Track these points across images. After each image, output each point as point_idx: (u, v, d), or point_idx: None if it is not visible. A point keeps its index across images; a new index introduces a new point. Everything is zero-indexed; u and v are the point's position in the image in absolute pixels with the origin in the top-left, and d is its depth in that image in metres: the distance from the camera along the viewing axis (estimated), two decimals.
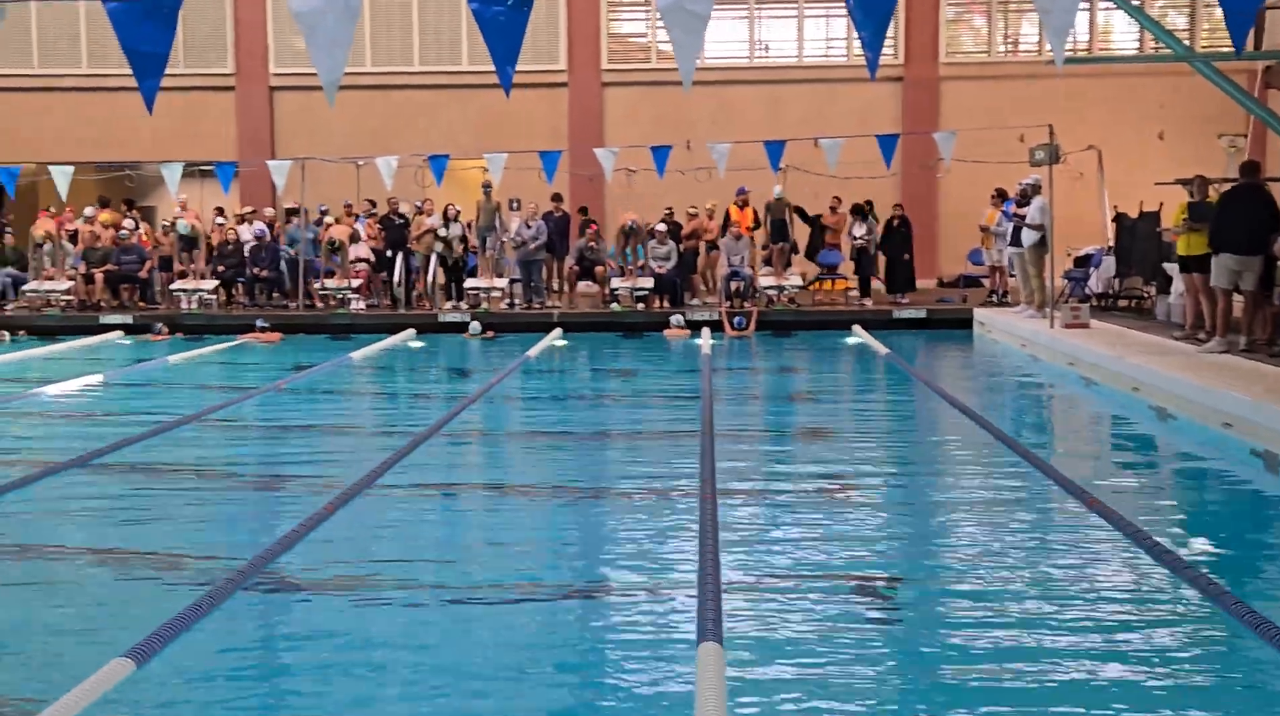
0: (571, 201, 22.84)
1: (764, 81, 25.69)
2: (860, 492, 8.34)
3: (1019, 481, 8.56)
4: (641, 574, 6.37)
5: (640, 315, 20.03)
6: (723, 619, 5.20)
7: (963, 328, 19.25)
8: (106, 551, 6.91)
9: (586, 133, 24.86)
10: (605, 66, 25.72)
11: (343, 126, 24.59)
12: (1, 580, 6.50)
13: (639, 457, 9.84)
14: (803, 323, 19.87)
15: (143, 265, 21.33)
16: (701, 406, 11.52)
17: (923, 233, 22.17)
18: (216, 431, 11.18)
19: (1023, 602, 5.79)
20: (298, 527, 6.97)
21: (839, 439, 10.65)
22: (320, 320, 20.04)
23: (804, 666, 4.99)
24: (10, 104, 24.99)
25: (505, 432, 11.46)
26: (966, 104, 24.71)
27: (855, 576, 6.25)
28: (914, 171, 23.54)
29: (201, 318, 20.33)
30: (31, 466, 9.08)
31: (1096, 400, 12.83)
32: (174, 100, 22.72)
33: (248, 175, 23.63)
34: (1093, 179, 21.71)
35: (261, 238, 21.38)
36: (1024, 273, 17.72)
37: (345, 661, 5.15)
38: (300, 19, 6.13)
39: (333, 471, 9.04)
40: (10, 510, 7.95)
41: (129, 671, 4.71)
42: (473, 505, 8.36)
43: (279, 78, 25.74)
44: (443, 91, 25.51)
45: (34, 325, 20.11)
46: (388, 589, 6.16)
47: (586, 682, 4.97)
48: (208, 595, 5.65)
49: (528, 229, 20.51)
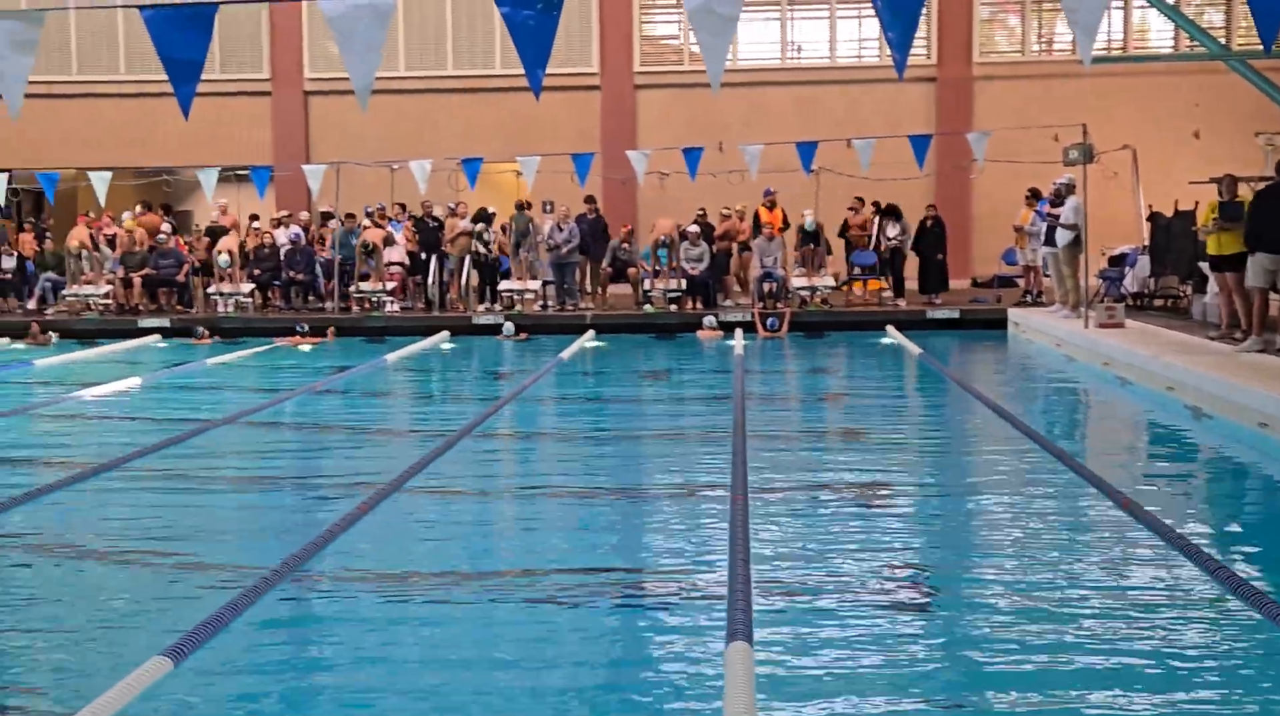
0: (604, 204, 22.90)
1: (796, 83, 25.68)
2: (892, 493, 8.34)
3: (1053, 482, 8.53)
4: (672, 573, 6.40)
5: (673, 317, 20.05)
6: (753, 618, 5.22)
7: (997, 328, 19.17)
8: (144, 551, 6.99)
9: (619, 135, 24.91)
10: (638, 69, 25.78)
11: (377, 130, 24.73)
12: (42, 579, 6.59)
13: (671, 458, 9.86)
14: (836, 323, 19.84)
15: (180, 269, 21.51)
16: (734, 407, 11.53)
17: (956, 233, 22.09)
18: (253, 433, 11.27)
19: (1056, 604, 5.77)
20: (332, 527, 7.04)
21: (871, 440, 10.64)
22: (355, 323, 20.16)
23: (834, 666, 5.00)
24: (50, 110, 25.24)
25: (538, 434, 11.50)
26: (1000, 104, 24.63)
27: (887, 577, 6.26)
28: (947, 172, 23.47)
29: (238, 321, 20.49)
30: (72, 468, 9.18)
31: (1131, 400, 12.77)
32: (210, 105, 22.89)
33: (283, 179, 23.81)
34: (1127, 178, 21.58)
35: (296, 241, 21.52)
36: (1058, 272, 17.64)
37: (378, 659, 5.20)
38: (333, 24, 6.20)
39: (367, 472, 9.11)
40: (51, 511, 8.06)
41: (166, 669, 4.77)
42: (505, 505, 8.41)
43: (314, 82, 25.92)
44: (476, 95, 25.62)
45: (73, 329, 20.32)
46: (421, 588, 6.21)
47: (617, 681, 5.00)
48: (243, 594, 5.71)
49: (560, 232, 20.57)
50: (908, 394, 14.40)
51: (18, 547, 7.17)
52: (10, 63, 6.32)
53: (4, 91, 6.31)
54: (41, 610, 6.04)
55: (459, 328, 19.78)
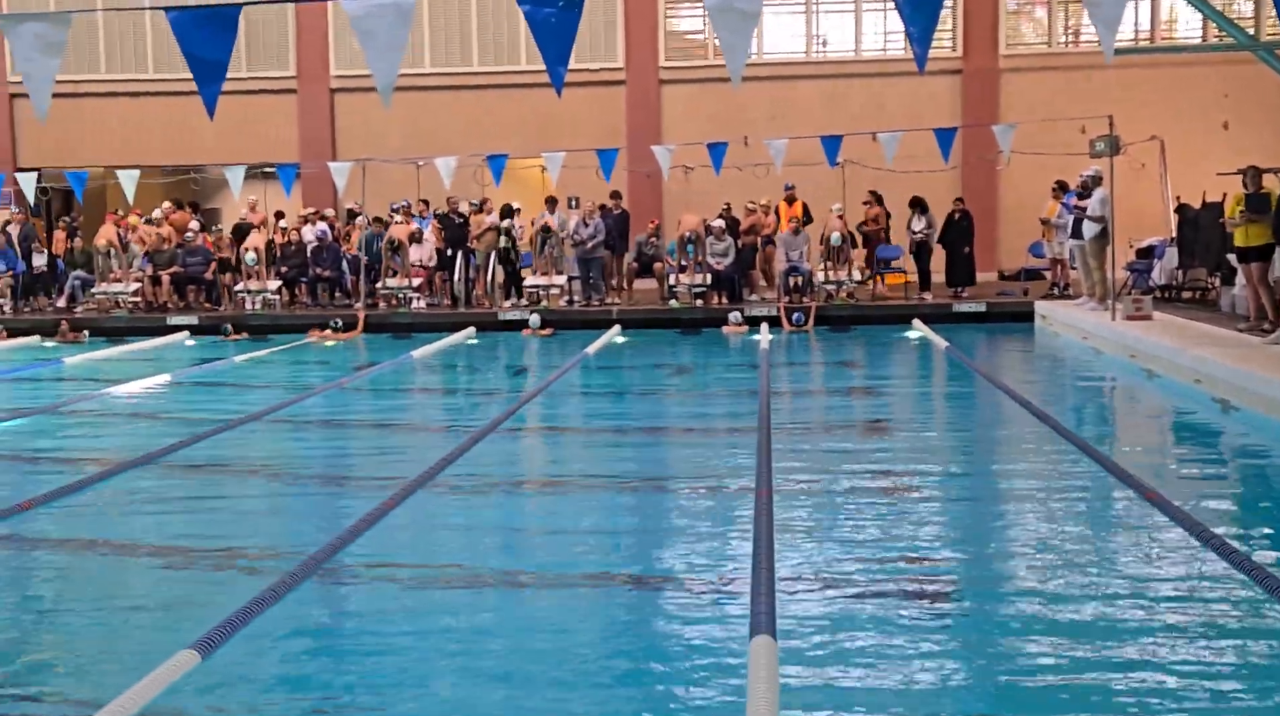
0: (630, 199, 22.91)
1: (821, 76, 25.62)
2: (918, 487, 8.32)
3: (1079, 475, 8.51)
4: (697, 567, 6.42)
5: (699, 311, 20.06)
6: (776, 612, 5.23)
7: (1023, 321, 19.10)
8: (173, 546, 7.05)
9: (644, 130, 24.90)
10: (663, 64, 25.76)
11: (402, 127, 24.81)
12: (72, 574, 6.67)
13: (696, 453, 9.89)
14: (862, 317, 19.81)
15: (207, 267, 21.64)
16: (759, 402, 11.53)
17: (983, 226, 21.98)
18: (281, 429, 11.34)
19: (1082, 598, 5.75)
20: (360, 521, 7.08)
21: (897, 434, 10.62)
22: (382, 319, 20.24)
23: (858, 661, 5.00)
24: (78, 109, 25.39)
25: (563, 429, 11.53)
26: (1026, 96, 24.53)
27: (912, 571, 6.25)
28: (973, 164, 23.39)
29: (265, 318, 20.60)
30: (102, 464, 9.27)
31: (1159, 393, 12.72)
32: (237, 103, 23.01)
33: (309, 177, 23.91)
34: (1155, 170, 21.46)
35: (323, 238, 21.62)
36: (1085, 265, 17.56)
37: (405, 652, 5.23)
38: (356, 23, 6.24)
39: (394, 466, 9.16)
40: (81, 506, 8.13)
41: (195, 663, 4.81)
42: (531, 499, 8.44)
43: (339, 80, 26.00)
44: (501, 91, 25.65)
45: (103, 327, 20.47)
46: (448, 582, 6.24)
47: (641, 674, 5.01)
48: (271, 588, 5.75)
49: (586, 227, 20.60)
50: (934, 388, 14.37)
51: (49, 543, 7.24)
52: (38, 64, 6.38)
53: (31, 92, 6.37)
54: (71, 604, 6.11)
55: (485, 323, 19.83)
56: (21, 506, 7.75)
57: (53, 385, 14.83)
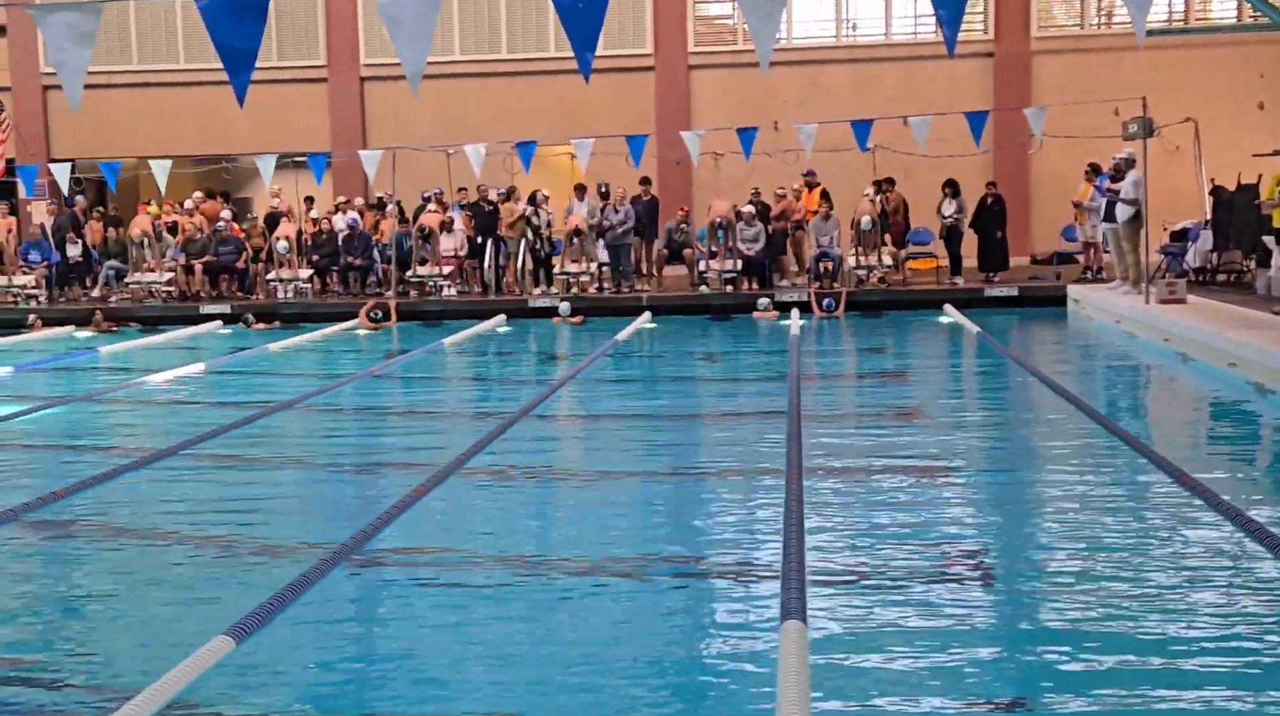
0: (659, 185, 22.88)
1: (852, 60, 25.50)
2: (950, 472, 8.29)
3: (1113, 459, 8.46)
4: (727, 552, 6.43)
5: (729, 297, 20.03)
6: (806, 598, 5.23)
7: (1056, 305, 19.00)
8: (206, 533, 7.09)
9: (673, 116, 24.85)
10: (692, 49, 25.69)
11: (432, 115, 24.84)
12: (108, 561, 6.72)
13: (726, 439, 9.88)
14: (893, 302, 19.75)
15: (239, 256, 21.74)
16: (789, 388, 11.51)
17: (1015, 209, 21.83)
18: (314, 416, 11.40)
19: (1116, 584, 5.72)
20: (391, 509, 7.11)
21: (929, 419, 10.57)
22: (413, 307, 20.30)
23: (889, 646, 4.99)
24: (110, 100, 25.54)
25: (594, 415, 11.53)
26: (1059, 78, 24.35)
27: (943, 557, 6.23)
28: (1005, 148, 23.24)
29: (297, 306, 20.69)
30: (136, 452, 9.34)
31: (1193, 377, 12.63)
32: (268, 93, 23.11)
33: (340, 165, 23.99)
34: (1189, 152, 21.25)
35: (354, 227, 21.68)
36: (1118, 248, 17.44)
37: (437, 638, 5.26)
38: (384, 10, 6.25)
39: (425, 454, 9.20)
40: (117, 494, 8.20)
41: (229, 649, 4.85)
42: (562, 486, 8.45)
43: (369, 68, 26.05)
44: (530, 78, 25.64)
45: (136, 316, 20.61)
46: (479, 568, 6.26)
47: (672, 659, 5.02)
48: (304, 575, 5.79)
49: (616, 213, 20.58)
50: (966, 373, 14.32)
51: (84, 530, 7.29)
52: (70, 55, 6.42)
53: (64, 83, 6.41)
54: (107, 590, 6.16)
55: (515, 311, 19.86)
56: (56, 494, 7.82)
57: (87, 374, 14.96)
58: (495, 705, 4.56)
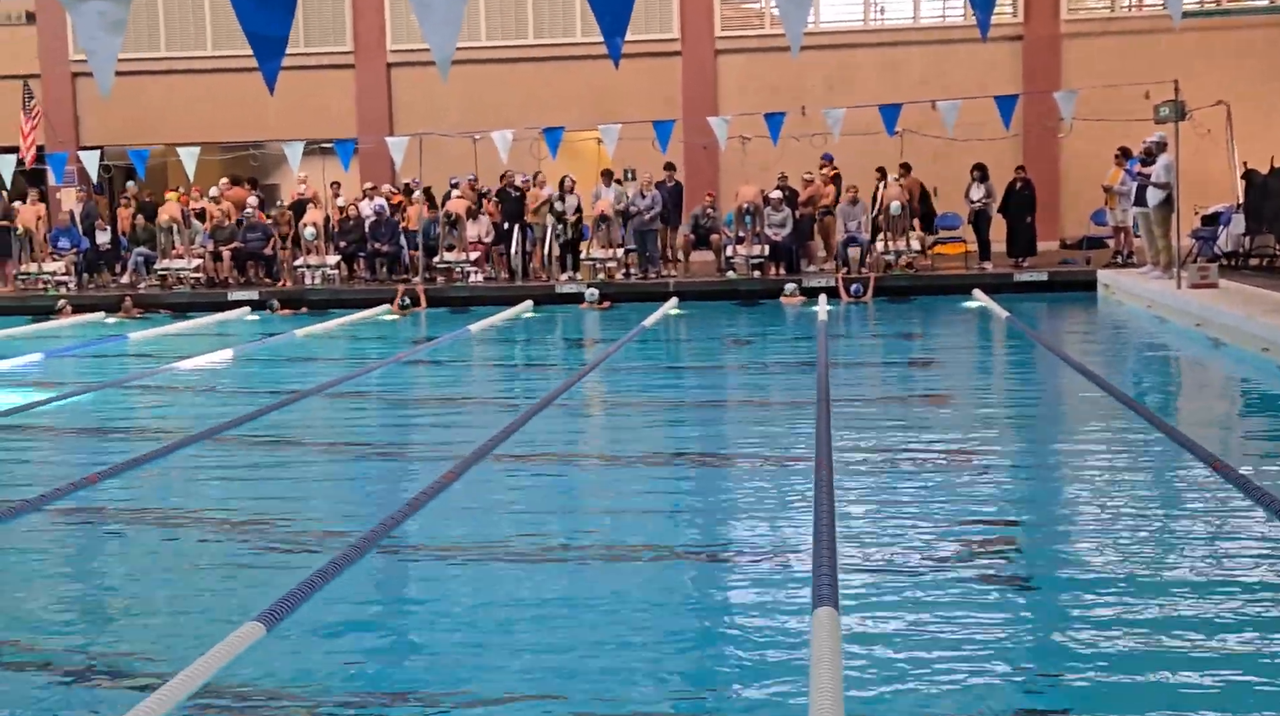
0: (686, 170, 22.81)
1: (880, 44, 25.38)
2: (980, 458, 8.24)
3: (1144, 445, 8.40)
4: (757, 540, 6.40)
5: (756, 283, 19.97)
6: (838, 584, 5.20)
7: (1086, 290, 18.88)
8: (237, 519, 7.12)
9: (700, 101, 24.79)
10: (719, 34, 25.60)
11: (459, 101, 24.82)
12: (138, 547, 6.75)
13: (755, 425, 9.85)
14: (921, 288, 19.66)
15: (267, 242, 21.81)
16: (818, 373, 11.47)
17: (1044, 194, 21.67)
18: (341, 403, 11.42)
19: (1147, 570, 5.68)
20: (420, 495, 7.11)
21: (958, 405, 10.53)
22: (440, 293, 20.32)
23: (921, 633, 4.97)
24: (139, 87, 25.59)
25: (622, 402, 11.52)
26: (1089, 61, 24.15)
27: (974, 543, 6.20)
28: (1035, 132, 23.10)
29: (325, 292, 20.74)
30: (166, 438, 9.37)
31: (1225, 362, 12.53)
32: (295, 79, 23.09)
33: (367, 152, 24.00)
34: (1221, 135, 21.07)
35: (381, 213, 21.71)
36: (1149, 233, 17.32)
37: (466, 624, 5.25)
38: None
39: (453, 440, 9.21)
40: (146, 480, 8.24)
41: (259, 635, 4.86)
42: (590, 473, 8.44)
43: (396, 54, 26.06)
44: (557, 63, 25.61)
45: (165, 302, 20.71)
46: (508, 554, 6.26)
47: (703, 647, 5.01)
48: (334, 561, 5.80)
49: (643, 199, 20.55)
50: (995, 358, 14.25)
51: (116, 515, 7.34)
52: (100, 42, 6.43)
53: (95, 70, 6.42)
54: (137, 576, 6.19)
55: (542, 297, 19.86)
56: (89, 479, 7.86)
57: (117, 360, 15.04)
58: (525, 689, 4.56)
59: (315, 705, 4.51)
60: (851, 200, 20.42)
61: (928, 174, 21.68)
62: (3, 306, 20.96)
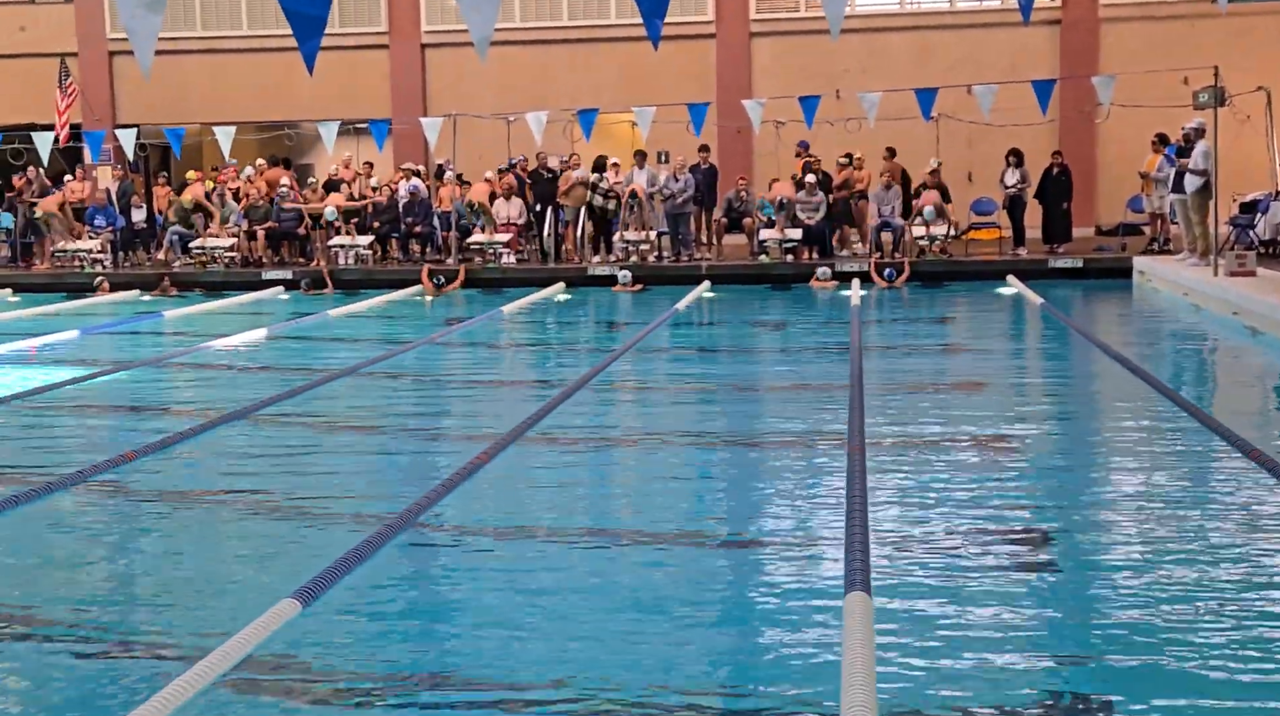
0: (719, 153, 22.74)
1: (915, 28, 25.22)
2: (1013, 445, 8.21)
3: (1179, 434, 8.34)
4: (790, 523, 6.40)
5: (789, 267, 19.91)
6: (870, 568, 5.20)
7: (1122, 277, 18.75)
8: (272, 498, 7.17)
9: (734, 84, 24.70)
10: (753, 16, 25.49)
11: (493, 82, 24.79)
12: (173, 525, 6.80)
13: (787, 409, 9.84)
14: (955, 273, 19.56)
15: (300, 222, 21.88)
16: (851, 358, 11.44)
17: (1080, 180, 21.52)
18: (375, 383, 11.46)
19: (1180, 558, 5.65)
20: (454, 475, 7.14)
21: (992, 391, 10.48)
22: (473, 274, 20.34)
23: (953, 618, 4.96)
24: (175, 66, 25.70)
25: (654, 385, 11.52)
26: (1127, 46, 23.94)
27: (1007, 529, 6.19)
28: (1071, 117, 22.91)
29: (358, 273, 20.81)
30: (200, 417, 9.44)
31: (1262, 350, 12.42)
32: (330, 60, 23.08)
33: (401, 132, 24.05)
34: (1261, 121, 20.85)
35: (415, 193, 21.74)
36: (1186, 220, 17.17)
37: (498, 606, 5.27)
38: None
39: (486, 421, 9.24)
40: (180, 459, 8.29)
41: (296, 611, 4.90)
42: (622, 455, 8.46)
43: (430, 35, 26.07)
44: (591, 45, 25.56)
45: (200, 281, 20.82)
46: (539, 535, 6.28)
47: (735, 630, 5.02)
48: (369, 540, 5.83)
49: (676, 182, 20.50)
50: (1029, 344, 14.18)
51: (151, 493, 7.39)
52: (141, 21, 6.47)
53: (136, 49, 6.46)
54: (173, 553, 6.24)
55: (574, 279, 19.86)
56: (125, 457, 7.92)
57: (153, 338, 15.14)
58: (555, 671, 4.57)
59: (349, 682, 4.54)
60: (886, 185, 20.32)
61: (962, 158, 21.61)
62: (39, 284, 21.14)
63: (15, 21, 26.66)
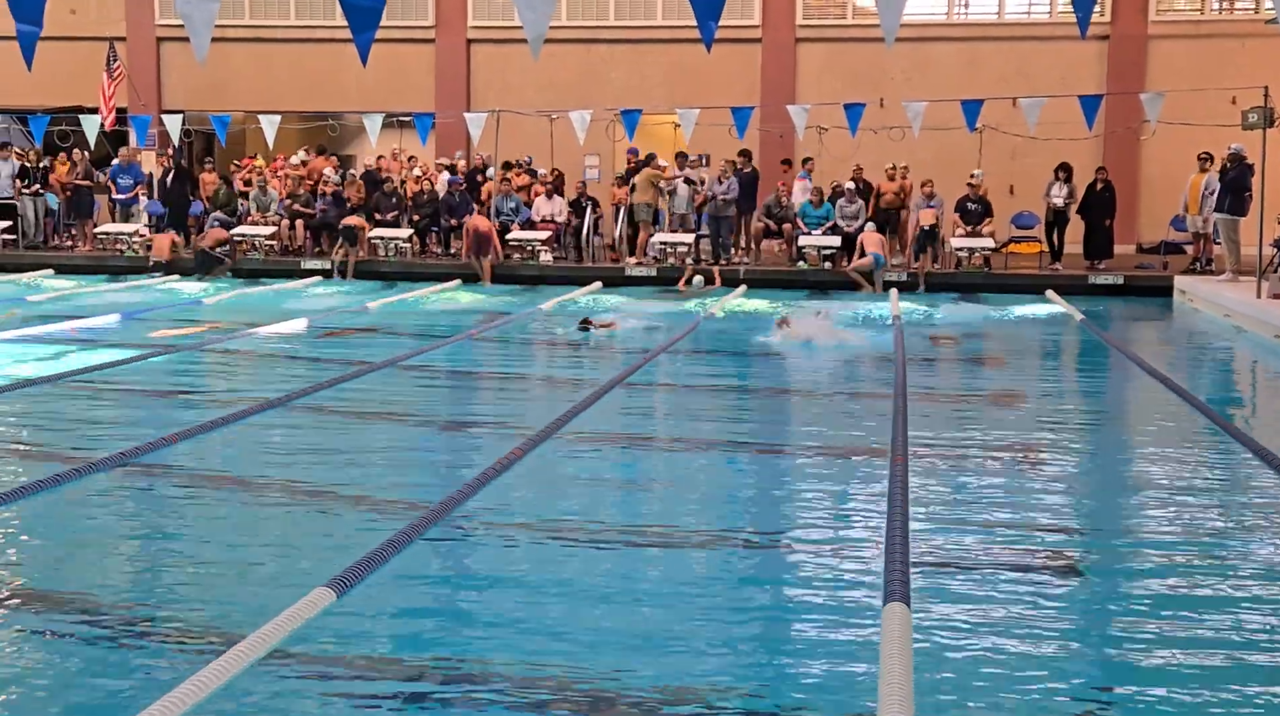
0: (762, 158, 22.70)
1: (962, 39, 25.11)
2: (1051, 459, 8.16)
3: (1216, 453, 8.28)
4: (827, 531, 6.37)
5: (827, 273, 19.85)
6: (910, 580, 5.17)
7: (1162, 295, 18.62)
8: (305, 488, 7.19)
9: (779, 89, 24.64)
10: (800, 22, 25.44)
11: (536, 79, 24.85)
12: (209, 513, 6.82)
13: (826, 417, 9.80)
14: (995, 286, 19.45)
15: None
16: (895, 368, 11.39)
17: (1123, 197, 21.40)
18: (411, 376, 11.49)
19: (1216, 577, 5.61)
20: (488, 470, 7.15)
21: (1030, 405, 10.41)
22: (510, 271, 20.37)
23: (991, 630, 4.92)
24: (222, 53, 25.80)
25: (690, 387, 11.48)
26: (1176, 64, 23.76)
27: (1045, 542, 6.15)
28: (1116, 133, 22.77)
29: (397, 265, 20.87)
30: (237, 405, 9.46)
31: None
32: (376, 52, 23.07)
33: (444, 126, 24.13)
34: None
35: (455, 185, 21.77)
36: (1230, 240, 17.04)
37: (529, 602, 5.26)
38: None
39: (521, 417, 9.24)
40: (217, 446, 8.32)
41: (329, 601, 4.91)
42: (658, 457, 8.44)
43: (476, 30, 26.14)
44: (636, 45, 25.58)
45: (239, 269, 20.93)
46: (573, 533, 6.27)
47: (771, 638, 5.00)
48: (403, 531, 5.84)
49: (719, 184, 20.46)
50: (1067, 360, 14.08)
51: (186, 480, 7.42)
52: (197, 8, 6.51)
53: (192, 35, 6.52)
54: (209, 538, 6.25)
55: (612, 278, 19.86)
56: (167, 440, 7.96)
57: (191, 325, 15.20)
58: (586, 670, 4.57)
59: (381, 672, 4.55)
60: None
61: (1005, 171, 21.50)
62: (82, 265, 21.29)
63: (65, 5, 26.83)
